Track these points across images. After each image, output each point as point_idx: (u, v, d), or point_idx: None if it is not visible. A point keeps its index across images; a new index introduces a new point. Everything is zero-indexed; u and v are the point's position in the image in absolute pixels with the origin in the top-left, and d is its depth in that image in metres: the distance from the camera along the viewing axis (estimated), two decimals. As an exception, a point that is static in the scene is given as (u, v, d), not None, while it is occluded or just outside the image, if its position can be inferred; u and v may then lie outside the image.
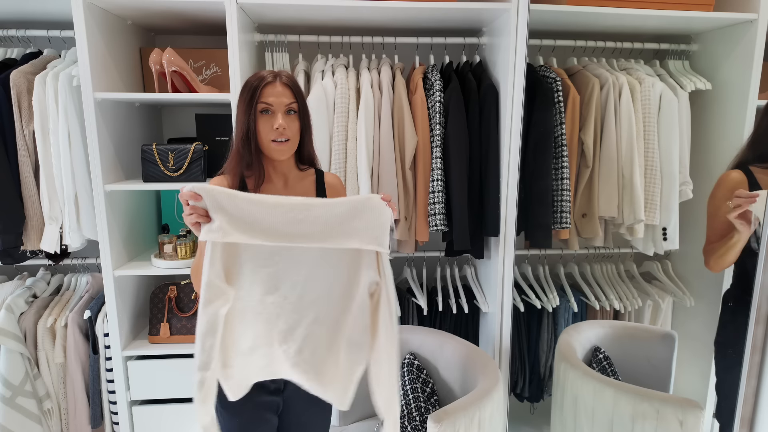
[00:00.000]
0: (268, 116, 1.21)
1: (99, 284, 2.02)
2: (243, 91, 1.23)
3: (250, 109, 1.19)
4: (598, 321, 2.08)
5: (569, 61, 2.08)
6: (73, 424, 1.93)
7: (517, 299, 2.07)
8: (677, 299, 2.15)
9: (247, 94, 1.20)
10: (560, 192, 1.89)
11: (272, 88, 1.20)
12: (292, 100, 1.22)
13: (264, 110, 1.21)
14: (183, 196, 1.05)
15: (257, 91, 1.19)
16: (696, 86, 1.96)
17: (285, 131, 1.21)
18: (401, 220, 1.90)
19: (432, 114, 1.86)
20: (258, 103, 1.19)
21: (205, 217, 1.05)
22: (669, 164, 1.93)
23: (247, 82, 1.23)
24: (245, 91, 1.22)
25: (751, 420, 1.29)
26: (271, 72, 1.24)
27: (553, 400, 1.85)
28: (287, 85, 1.23)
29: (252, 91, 1.20)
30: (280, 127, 1.20)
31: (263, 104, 1.20)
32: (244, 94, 1.22)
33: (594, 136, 1.93)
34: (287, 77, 1.24)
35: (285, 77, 1.24)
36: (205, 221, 1.05)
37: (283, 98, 1.21)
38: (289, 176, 1.32)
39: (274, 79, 1.22)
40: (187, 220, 1.06)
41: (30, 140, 1.76)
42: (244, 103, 1.21)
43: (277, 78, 1.22)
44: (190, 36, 2.16)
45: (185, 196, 1.04)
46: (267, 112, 1.21)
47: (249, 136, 1.20)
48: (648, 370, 1.89)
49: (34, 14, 1.86)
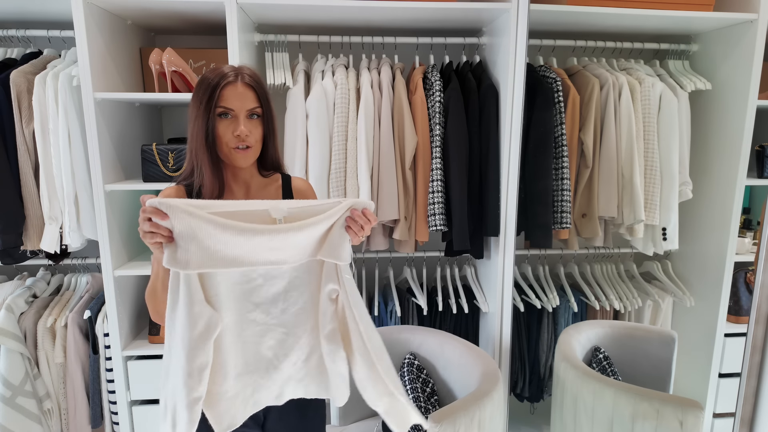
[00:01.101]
0: (228, 120, 1.08)
1: (99, 284, 2.02)
2: (199, 88, 1.07)
3: (209, 112, 1.05)
4: (598, 321, 2.08)
5: (569, 61, 2.08)
6: (73, 424, 1.93)
7: (517, 299, 2.07)
8: (677, 299, 2.15)
9: (204, 93, 1.06)
10: (560, 192, 1.89)
11: (233, 89, 1.07)
12: (256, 104, 1.09)
13: (223, 114, 1.07)
14: (145, 212, 0.89)
15: (216, 91, 1.05)
16: (696, 86, 1.96)
17: (247, 138, 1.08)
18: (401, 220, 1.90)
19: (432, 114, 1.86)
20: (216, 106, 1.06)
21: (168, 238, 0.91)
22: (669, 164, 1.93)
23: (204, 78, 1.08)
24: (201, 89, 1.07)
25: (751, 420, 1.29)
26: (233, 69, 1.09)
27: (553, 400, 1.85)
28: (250, 86, 1.09)
29: (210, 90, 1.05)
30: (242, 133, 1.07)
31: (222, 108, 1.06)
32: (200, 93, 1.07)
33: (594, 136, 1.93)
34: (250, 76, 1.10)
35: (248, 76, 1.09)
36: (168, 242, 0.92)
37: (246, 102, 1.08)
38: (252, 184, 1.19)
39: (236, 79, 1.07)
40: (145, 238, 0.91)
41: (30, 140, 1.76)
42: (201, 104, 1.06)
43: (238, 77, 1.08)
44: (190, 36, 2.16)
45: (148, 212, 0.89)
46: (227, 116, 1.07)
47: (208, 141, 1.07)
48: (648, 370, 1.89)
49: (34, 14, 1.86)
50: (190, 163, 1.12)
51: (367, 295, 2.17)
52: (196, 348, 0.97)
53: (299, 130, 1.85)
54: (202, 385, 0.98)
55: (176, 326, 0.97)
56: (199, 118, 1.07)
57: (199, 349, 0.97)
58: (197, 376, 0.97)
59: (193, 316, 0.95)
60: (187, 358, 0.96)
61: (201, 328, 0.96)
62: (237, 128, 1.08)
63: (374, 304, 2.07)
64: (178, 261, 0.92)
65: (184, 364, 0.96)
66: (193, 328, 0.96)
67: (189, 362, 0.96)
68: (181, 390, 0.97)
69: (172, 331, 0.97)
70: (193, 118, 1.09)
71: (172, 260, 0.92)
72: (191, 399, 0.97)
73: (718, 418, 2.08)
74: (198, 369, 0.97)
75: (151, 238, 0.91)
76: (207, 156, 1.08)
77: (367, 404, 1.11)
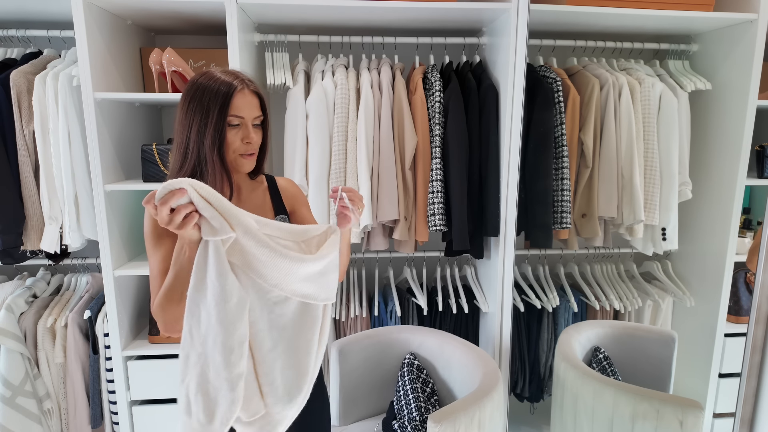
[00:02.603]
0: (237, 128, 1.08)
1: (99, 284, 2.02)
2: (203, 95, 1.05)
3: (222, 120, 1.05)
4: (598, 321, 2.08)
5: (569, 61, 2.08)
6: (73, 424, 1.93)
7: (517, 299, 2.07)
8: (677, 299, 2.15)
9: (213, 101, 1.04)
10: (560, 192, 1.89)
11: (243, 97, 1.07)
12: (260, 112, 1.11)
13: (233, 123, 1.07)
14: (166, 203, 0.83)
15: (229, 99, 1.05)
16: (696, 86, 1.96)
17: (254, 144, 1.11)
18: (401, 220, 1.90)
19: (432, 114, 1.86)
20: (230, 115, 1.05)
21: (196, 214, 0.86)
22: (668, 164, 1.93)
23: (206, 86, 1.06)
24: (207, 97, 1.05)
25: (751, 420, 1.29)
26: (235, 76, 1.08)
27: (553, 400, 1.85)
28: (256, 94, 1.11)
29: (222, 98, 1.05)
30: (252, 140, 1.09)
31: (236, 117, 1.06)
32: (206, 100, 1.05)
33: (594, 136, 1.93)
34: (253, 84, 1.11)
35: (252, 84, 1.10)
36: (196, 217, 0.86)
37: (253, 109, 1.09)
38: (242, 188, 1.21)
39: (243, 87, 1.08)
40: (184, 227, 0.85)
41: (30, 140, 1.76)
42: (209, 112, 1.04)
43: (245, 85, 1.08)
44: (190, 36, 2.16)
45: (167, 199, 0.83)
46: (236, 124, 1.08)
47: (220, 149, 1.06)
48: (648, 370, 1.89)
49: (34, 14, 1.86)
50: (182, 165, 1.09)
51: (367, 295, 2.17)
52: (234, 320, 0.91)
53: (299, 131, 1.85)
54: (243, 360, 0.93)
55: (207, 302, 0.91)
56: (210, 127, 1.05)
57: (238, 320, 0.92)
58: (238, 350, 0.92)
59: (228, 287, 0.90)
60: (226, 332, 0.91)
61: (235, 299, 0.91)
62: (247, 136, 1.09)
63: (374, 304, 2.07)
64: (218, 228, 0.87)
65: (223, 339, 0.91)
66: (228, 300, 0.90)
67: (229, 336, 0.91)
68: (222, 370, 0.91)
69: (200, 309, 0.91)
70: (198, 126, 1.05)
71: (210, 230, 0.87)
72: (234, 375, 0.92)
73: (718, 418, 2.08)
74: (239, 342, 0.92)
75: (190, 221, 0.85)
76: (220, 163, 1.07)
77: (367, 404, 1.10)
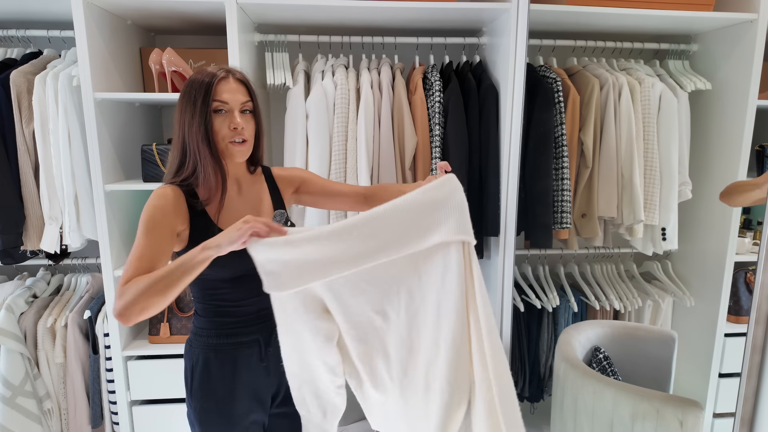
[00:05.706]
0: (223, 115, 1.11)
1: (99, 284, 2.02)
2: (191, 88, 1.10)
3: (205, 108, 1.08)
4: (598, 321, 2.07)
5: (569, 61, 2.08)
6: (73, 424, 1.93)
7: (517, 299, 2.07)
8: (677, 299, 2.15)
9: (199, 91, 1.08)
10: (560, 192, 1.89)
11: (226, 84, 1.10)
12: (247, 98, 1.14)
13: (218, 109, 1.10)
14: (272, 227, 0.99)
15: (211, 87, 1.08)
16: (696, 86, 1.96)
17: (243, 131, 1.12)
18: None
19: (432, 114, 1.86)
20: (213, 101, 1.08)
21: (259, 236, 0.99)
22: (668, 164, 1.93)
23: (194, 79, 1.11)
24: (194, 88, 1.09)
25: (751, 420, 1.28)
26: (221, 67, 1.13)
27: (553, 400, 1.85)
28: (241, 82, 1.14)
29: (205, 88, 1.08)
30: (239, 126, 1.11)
31: (218, 102, 1.09)
32: (193, 92, 1.09)
33: (594, 136, 1.93)
34: (240, 73, 1.15)
35: (238, 72, 1.15)
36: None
37: (238, 95, 1.12)
38: (242, 182, 1.23)
39: (227, 75, 1.12)
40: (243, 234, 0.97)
41: (30, 140, 1.76)
42: (196, 102, 1.08)
43: (229, 74, 1.12)
44: (190, 36, 2.16)
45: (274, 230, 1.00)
46: (221, 111, 1.10)
47: (207, 137, 1.08)
48: (648, 370, 1.89)
49: (34, 14, 1.86)
50: (182, 162, 1.13)
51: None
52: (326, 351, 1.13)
53: (299, 131, 1.85)
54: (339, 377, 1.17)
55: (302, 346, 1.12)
56: (196, 116, 1.08)
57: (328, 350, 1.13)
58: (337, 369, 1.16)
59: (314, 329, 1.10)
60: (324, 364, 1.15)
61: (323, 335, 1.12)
62: (233, 121, 1.11)
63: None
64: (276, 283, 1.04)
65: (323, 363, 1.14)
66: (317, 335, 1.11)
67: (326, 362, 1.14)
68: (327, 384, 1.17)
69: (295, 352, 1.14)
70: (188, 118, 1.09)
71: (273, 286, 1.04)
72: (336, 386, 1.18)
73: (718, 418, 2.08)
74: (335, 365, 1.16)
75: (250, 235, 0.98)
76: (208, 151, 1.09)
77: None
